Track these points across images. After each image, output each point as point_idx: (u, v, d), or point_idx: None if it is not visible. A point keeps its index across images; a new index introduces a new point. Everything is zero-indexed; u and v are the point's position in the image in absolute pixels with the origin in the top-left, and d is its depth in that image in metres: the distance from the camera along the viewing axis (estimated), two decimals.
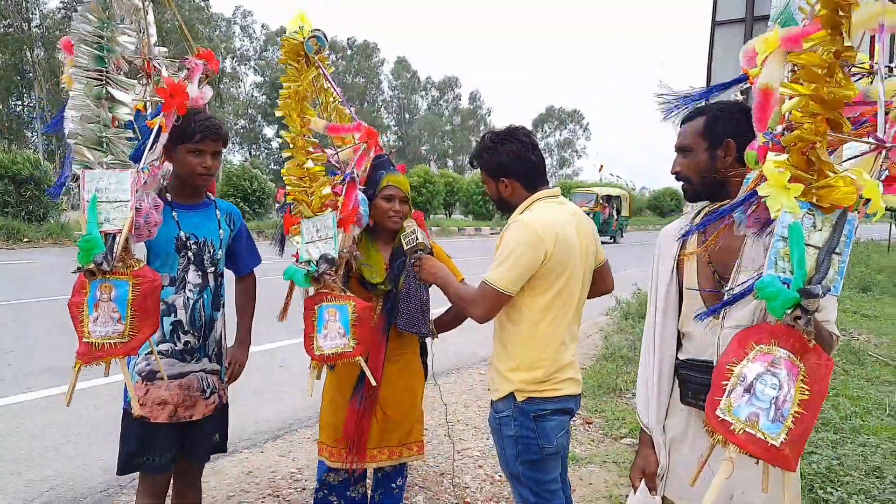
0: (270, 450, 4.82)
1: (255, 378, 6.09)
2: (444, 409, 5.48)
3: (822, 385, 1.50)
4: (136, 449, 2.67)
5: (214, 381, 2.83)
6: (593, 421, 5.53)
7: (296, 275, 2.72)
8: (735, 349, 1.60)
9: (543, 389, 2.58)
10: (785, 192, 1.49)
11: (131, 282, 2.30)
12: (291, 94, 2.81)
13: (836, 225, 1.48)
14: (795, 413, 1.49)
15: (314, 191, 2.77)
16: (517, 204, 2.67)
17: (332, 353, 2.68)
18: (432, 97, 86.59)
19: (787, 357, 1.52)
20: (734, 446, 1.53)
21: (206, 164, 2.70)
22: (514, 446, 2.63)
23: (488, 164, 2.71)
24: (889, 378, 6.79)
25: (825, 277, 1.45)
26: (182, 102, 2.55)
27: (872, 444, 4.73)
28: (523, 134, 2.71)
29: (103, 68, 2.36)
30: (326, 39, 2.91)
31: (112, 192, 2.30)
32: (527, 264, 2.49)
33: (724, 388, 1.58)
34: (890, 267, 16.06)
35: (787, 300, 1.46)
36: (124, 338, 2.28)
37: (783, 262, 1.48)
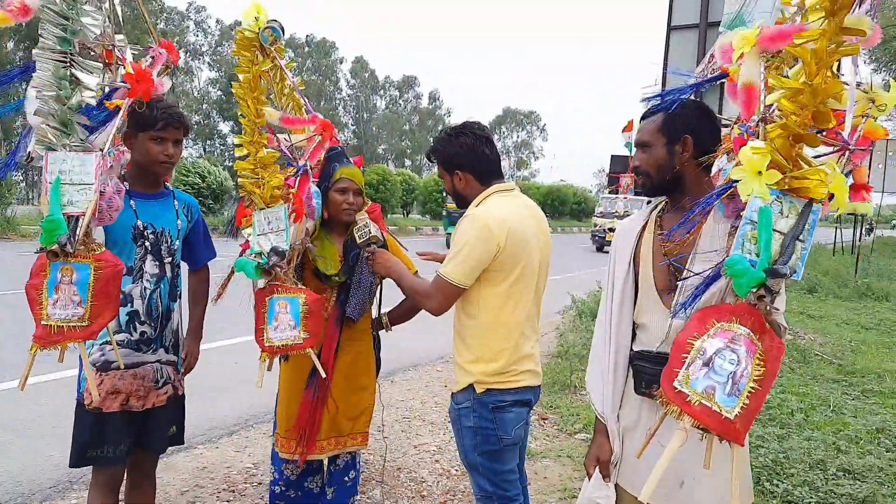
0: (226, 445, 4.77)
1: (212, 374, 6.01)
2: (398, 405, 5.50)
3: (774, 365, 1.58)
4: (89, 440, 2.63)
5: (170, 371, 2.80)
6: (548, 417, 5.60)
7: (246, 266, 2.71)
8: (696, 325, 1.67)
9: (502, 381, 2.62)
10: (757, 177, 1.57)
11: (93, 265, 2.26)
12: (245, 81, 2.79)
13: (801, 213, 1.56)
14: (751, 389, 1.55)
15: (267, 182, 2.76)
16: (473, 197, 2.72)
17: (282, 345, 2.68)
18: (391, 96, 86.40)
19: (746, 335, 1.59)
20: (689, 417, 1.59)
21: (168, 151, 2.69)
22: (472, 437, 2.66)
23: (443, 157, 2.76)
24: (832, 376, 7.01)
25: (789, 261, 1.53)
26: (148, 89, 2.52)
27: (816, 438, 4.89)
28: (478, 128, 2.76)
29: (68, 50, 2.33)
30: (282, 31, 2.90)
31: (76, 175, 2.26)
32: (479, 257, 2.54)
33: (683, 361, 1.64)
34: (834, 269, 16.55)
35: (753, 279, 1.54)
36: (84, 322, 2.24)
37: (750, 244, 1.56)
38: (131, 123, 2.59)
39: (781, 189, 1.59)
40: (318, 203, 2.87)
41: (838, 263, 18.00)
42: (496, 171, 2.77)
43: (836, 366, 7.47)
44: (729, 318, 1.61)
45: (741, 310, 1.61)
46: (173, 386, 2.81)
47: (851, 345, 8.68)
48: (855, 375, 7.08)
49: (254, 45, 2.84)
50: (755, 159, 1.58)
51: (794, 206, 1.57)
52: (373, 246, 2.87)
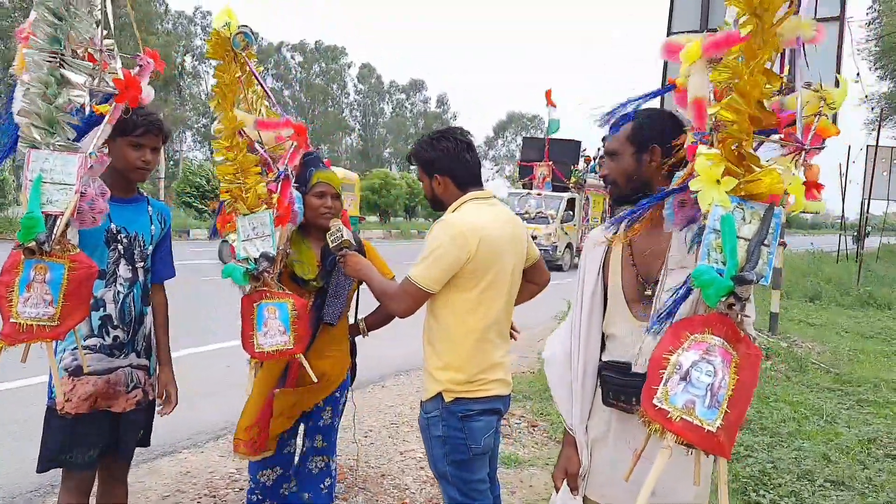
0: (211, 450, 4.76)
1: (201, 378, 6.01)
2: (387, 411, 5.47)
3: (752, 373, 1.56)
4: (59, 446, 2.61)
5: (141, 376, 2.78)
6: (538, 424, 5.57)
7: (234, 272, 2.70)
8: (670, 339, 1.64)
9: (471, 390, 2.60)
10: (716, 186, 1.57)
11: (67, 265, 2.25)
12: (222, 85, 2.79)
13: (764, 218, 1.55)
14: (730, 398, 1.53)
15: (250, 187, 2.74)
16: (450, 202, 2.71)
17: (273, 351, 2.68)
18: (397, 100, 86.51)
19: (720, 344, 1.57)
20: (672, 434, 1.56)
21: (146, 158, 2.68)
22: (441, 446, 2.64)
23: (422, 160, 2.75)
24: (828, 385, 6.96)
25: (756, 267, 1.52)
26: (135, 96, 2.52)
27: (807, 448, 4.85)
28: (459, 133, 2.76)
29: (58, 50, 2.33)
30: (253, 36, 2.90)
31: (57, 174, 2.25)
32: (448, 263, 2.53)
33: (661, 378, 1.61)
34: (837, 277, 16.47)
35: (721, 288, 1.53)
36: (54, 322, 2.23)
37: (716, 253, 1.55)
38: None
39: (739, 195, 1.58)
40: (299, 208, 2.87)
41: (841, 271, 17.90)
42: (475, 178, 2.76)
43: (833, 375, 7.41)
44: (701, 330, 1.60)
45: (713, 320, 1.59)
46: (143, 390, 2.79)
47: (850, 353, 8.62)
48: (851, 384, 7.03)
49: (227, 50, 2.84)
50: (710, 167, 1.58)
51: (756, 211, 1.56)
52: (344, 249, 2.86)
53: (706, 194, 1.59)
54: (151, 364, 2.86)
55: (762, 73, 1.56)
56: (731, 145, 1.59)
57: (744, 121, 1.56)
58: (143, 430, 2.90)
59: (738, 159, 1.59)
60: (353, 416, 3.78)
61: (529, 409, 5.93)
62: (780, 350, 8.17)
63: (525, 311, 3.04)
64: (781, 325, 9.77)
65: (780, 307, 9.84)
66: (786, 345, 8.53)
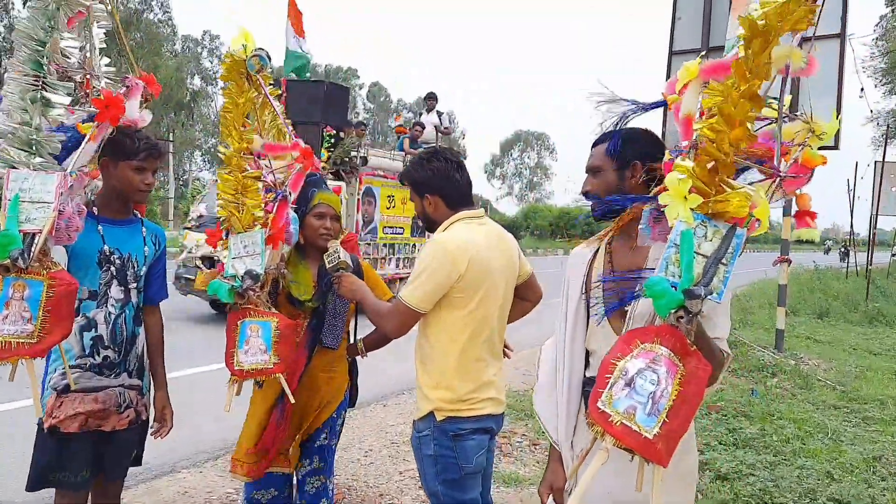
0: (209, 469, 4.76)
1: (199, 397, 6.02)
2: (389, 430, 5.45)
3: (698, 387, 1.58)
4: (49, 465, 2.62)
5: (133, 396, 2.79)
6: (539, 443, 5.54)
7: (220, 289, 2.73)
8: (621, 346, 1.68)
9: (462, 409, 2.60)
10: (683, 202, 1.60)
11: (46, 283, 2.27)
12: (232, 111, 2.85)
13: (725, 237, 1.58)
14: (670, 409, 1.55)
15: (246, 206, 2.78)
16: (441, 221, 2.73)
17: (252, 369, 2.69)
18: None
19: (667, 355, 1.59)
20: (610, 437, 1.59)
21: (148, 181, 2.74)
22: (433, 465, 2.64)
23: (414, 181, 2.78)
24: (834, 402, 6.91)
25: (710, 284, 1.55)
26: (116, 115, 2.56)
27: (810, 466, 4.81)
28: (450, 154, 2.79)
29: (40, 73, 2.38)
30: (269, 59, 2.95)
31: (36, 193, 2.29)
32: (438, 282, 2.54)
33: (607, 382, 1.64)
34: (846, 293, 16.37)
35: (672, 300, 1.55)
36: (33, 338, 2.24)
37: (673, 266, 1.58)
38: (111, 151, 2.64)
39: (705, 213, 1.61)
40: (295, 229, 2.89)
41: (850, 287, 17.81)
42: (465, 197, 2.78)
43: (839, 392, 7.35)
44: (651, 339, 1.62)
45: (663, 331, 1.62)
46: (136, 410, 2.80)
47: (857, 370, 8.54)
48: (857, 402, 6.97)
49: (241, 72, 2.90)
50: (679, 183, 1.61)
51: (719, 230, 1.59)
52: (340, 271, 2.88)
53: (672, 209, 1.63)
54: (144, 384, 2.87)
55: (748, 99, 1.58)
56: (706, 163, 1.61)
57: (723, 141, 1.59)
58: (136, 449, 2.90)
59: (710, 178, 1.61)
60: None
61: (531, 427, 5.90)
62: (785, 367, 8.12)
63: (526, 328, 3.05)
64: (788, 341, 9.71)
65: (788, 324, 9.80)
66: (792, 362, 8.48)
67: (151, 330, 2.92)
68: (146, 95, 2.85)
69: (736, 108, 1.56)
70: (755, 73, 1.56)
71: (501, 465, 4.98)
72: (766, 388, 7.29)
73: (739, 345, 9.17)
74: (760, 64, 1.55)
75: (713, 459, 4.86)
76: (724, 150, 1.58)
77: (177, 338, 2.94)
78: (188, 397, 2.81)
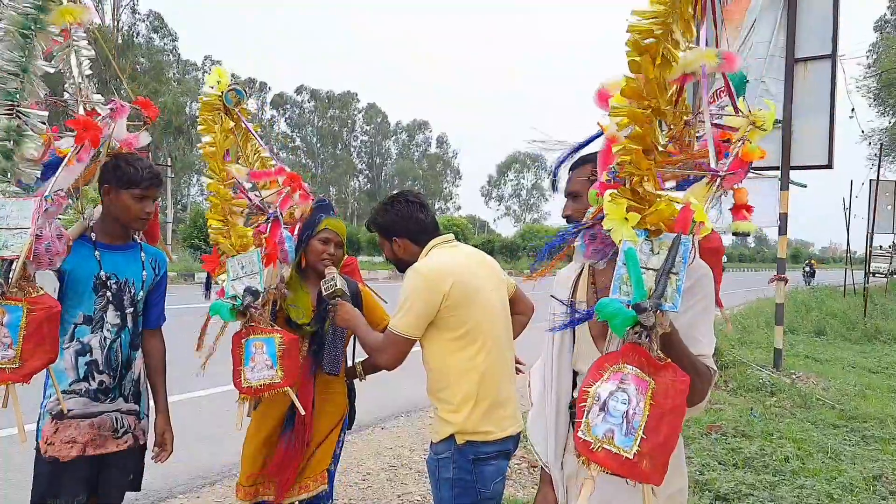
0: (207, 495, 4.72)
1: (197, 422, 5.99)
2: (386, 453, 5.42)
3: (677, 400, 1.57)
4: (46, 490, 2.62)
5: (130, 421, 2.79)
6: (538, 465, 5.51)
7: (221, 309, 2.77)
8: (592, 373, 1.69)
9: (485, 430, 2.62)
10: (624, 223, 1.63)
11: (25, 308, 2.27)
12: (210, 146, 2.94)
13: (671, 248, 1.59)
14: (646, 425, 1.54)
15: (233, 232, 2.83)
16: (411, 261, 2.78)
17: (261, 385, 2.72)
18: (402, 141, 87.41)
19: (633, 373, 1.59)
20: (595, 464, 1.59)
21: (148, 209, 2.77)
22: (450, 489, 2.64)
23: (380, 226, 2.89)
24: (833, 421, 6.87)
25: (662, 295, 1.56)
26: (96, 137, 2.57)
27: (809, 486, 4.78)
28: (411, 195, 2.89)
29: (14, 102, 2.40)
30: (245, 92, 3.06)
31: (13, 220, 2.29)
32: (423, 307, 2.59)
33: (584, 410, 1.65)
34: (843, 312, 16.37)
35: (625, 319, 1.56)
36: (14, 364, 2.24)
37: (626, 286, 1.60)
38: (114, 179, 2.66)
39: (645, 228, 1.64)
40: (290, 248, 2.92)
41: (848, 306, 17.80)
42: (431, 233, 2.85)
43: (838, 411, 7.33)
44: (618, 361, 1.63)
45: (626, 350, 1.63)
46: (133, 435, 2.80)
47: (856, 389, 8.52)
48: (857, 420, 6.93)
49: (216, 108, 2.99)
50: (615, 206, 1.65)
51: (664, 241, 1.61)
52: (336, 298, 2.90)
53: (616, 232, 1.65)
54: (142, 408, 2.87)
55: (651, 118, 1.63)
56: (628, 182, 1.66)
57: (638, 160, 1.63)
58: (133, 474, 2.89)
59: (635, 195, 1.66)
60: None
61: (529, 450, 5.86)
62: (784, 386, 8.10)
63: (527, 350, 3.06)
64: (787, 360, 9.69)
65: (786, 343, 9.79)
66: (790, 381, 8.46)
67: (152, 354, 2.93)
68: (144, 119, 2.89)
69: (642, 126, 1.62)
70: (650, 92, 1.61)
71: None
72: (764, 408, 7.27)
73: (738, 364, 9.15)
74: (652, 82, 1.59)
75: (712, 480, 4.84)
76: (643, 167, 1.62)
77: (173, 362, 2.94)
78: (186, 422, 2.79)
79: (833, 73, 8.29)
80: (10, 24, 2.38)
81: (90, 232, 2.74)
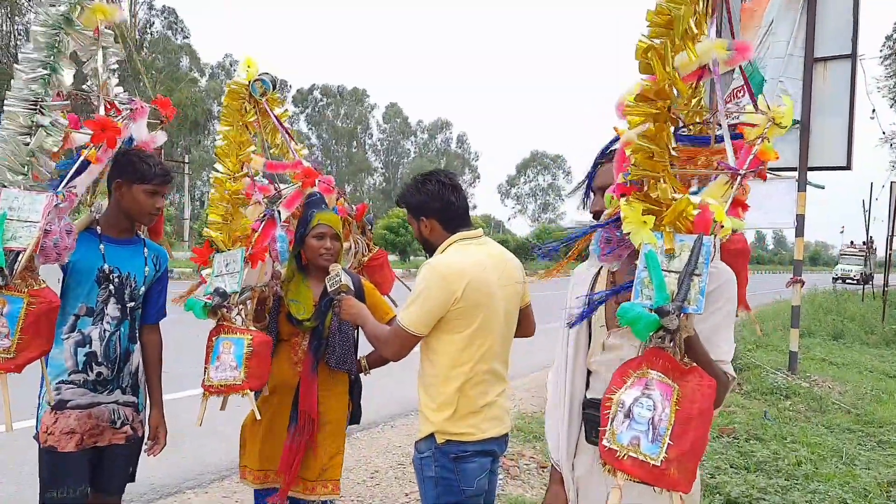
0: (215, 490, 4.73)
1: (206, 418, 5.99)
2: (395, 451, 5.41)
3: (704, 403, 1.54)
4: (48, 480, 2.65)
5: (128, 413, 2.81)
6: (547, 465, 5.48)
7: (195, 307, 2.81)
8: (616, 380, 1.66)
9: (463, 432, 2.58)
10: (643, 226, 1.60)
11: (26, 300, 2.28)
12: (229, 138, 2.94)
13: (693, 249, 1.55)
14: (672, 430, 1.51)
15: (231, 227, 2.89)
16: (438, 244, 2.72)
17: (221, 385, 2.74)
18: (422, 140, 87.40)
19: (658, 378, 1.57)
20: (622, 473, 1.56)
21: (158, 204, 2.80)
22: (433, 487, 2.61)
23: (410, 204, 2.79)
24: (848, 426, 6.79)
25: (686, 298, 1.52)
26: (113, 137, 2.60)
27: (822, 491, 4.72)
28: (445, 176, 2.78)
29: (38, 99, 2.40)
30: (273, 84, 3.03)
31: (24, 212, 2.31)
32: (434, 306, 2.54)
33: (608, 418, 1.63)
34: (861, 315, 16.17)
35: (648, 322, 1.53)
36: (9, 354, 2.26)
37: (648, 289, 1.57)
38: (127, 174, 2.68)
39: (662, 230, 1.61)
40: (282, 247, 2.91)
41: (866, 309, 17.58)
42: (462, 219, 2.77)
43: (854, 415, 7.23)
44: (641, 366, 1.60)
45: (649, 355, 1.60)
46: (132, 427, 2.82)
47: (872, 393, 8.41)
48: (872, 425, 6.84)
49: (241, 97, 2.98)
50: (632, 209, 1.63)
51: (686, 243, 1.57)
52: (342, 294, 2.88)
53: (636, 235, 1.63)
54: (140, 401, 2.89)
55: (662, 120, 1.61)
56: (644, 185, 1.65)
57: (643, 161, 1.62)
58: (132, 466, 2.91)
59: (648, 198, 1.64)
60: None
61: (539, 449, 5.84)
62: (799, 389, 8.01)
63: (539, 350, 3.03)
64: (803, 363, 9.59)
65: (802, 346, 9.68)
66: (806, 384, 8.36)
67: (149, 348, 2.94)
68: (161, 118, 2.91)
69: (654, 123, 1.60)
70: (660, 94, 1.58)
71: (508, 487, 4.93)
72: (779, 411, 7.19)
73: (752, 367, 9.06)
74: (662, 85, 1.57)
75: (723, 483, 4.78)
76: (656, 169, 1.60)
77: (183, 357, 2.94)
78: (194, 416, 2.80)
79: (853, 73, 8.17)
80: (41, 25, 2.41)
81: (95, 225, 2.76)
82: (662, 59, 1.55)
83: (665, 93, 1.57)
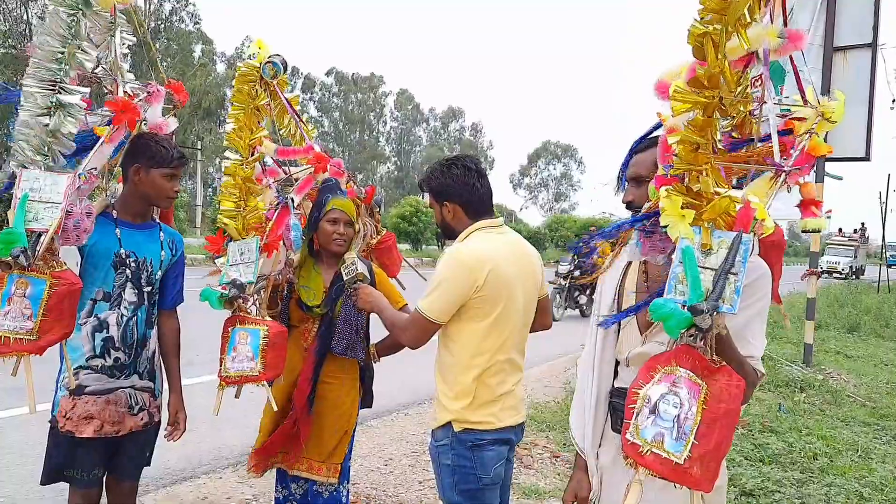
0: (229, 476, 4.75)
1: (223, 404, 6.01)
2: (410, 439, 5.42)
3: (731, 404, 1.51)
4: (61, 463, 2.68)
5: (145, 398, 2.81)
6: (561, 455, 5.48)
7: (211, 297, 2.79)
8: (643, 374, 1.64)
9: (480, 421, 2.57)
10: (681, 220, 1.56)
11: (49, 281, 2.28)
12: (241, 116, 2.89)
13: (731, 246, 1.52)
14: (698, 429, 1.49)
15: (246, 214, 2.86)
16: (460, 230, 2.69)
17: (237, 376, 2.74)
18: (434, 128, 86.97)
19: (686, 376, 1.54)
20: (643, 468, 1.55)
21: (177, 188, 2.81)
22: (451, 475, 2.61)
23: (433, 187, 2.75)
24: (864, 419, 6.75)
25: (721, 297, 1.49)
26: (133, 119, 2.60)
27: (838, 484, 4.69)
28: (470, 161, 2.74)
29: (56, 79, 2.39)
30: (284, 66, 3.00)
31: (46, 193, 2.30)
32: (455, 294, 2.52)
33: (633, 412, 1.60)
34: (877, 308, 16.04)
35: (681, 320, 1.50)
36: (32, 336, 2.26)
37: (682, 285, 1.53)
38: (144, 158, 2.68)
39: (701, 225, 1.57)
40: (296, 236, 2.90)
41: (882, 302, 17.44)
42: (486, 206, 2.73)
43: (869, 408, 7.19)
44: (670, 362, 1.57)
45: (679, 352, 1.57)
46: (149, 412, 2.82)
47: (888, 386, 8.35)
48: (889, 419, 6.80)
49: (251, 80, 2.95)
50: (671, 202, 1.59)
51: (724, 240, 1.54)
52: (357, 283, 2.87)
53: (674, 228, 1.59)
54: (157, 386, 2.90)
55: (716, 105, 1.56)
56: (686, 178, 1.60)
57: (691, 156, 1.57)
58: (149, 451, 2.92)
59: (690, 192, 1.60)
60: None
61: (553, 439, 5.84)
62: (814, 382, 7.96)
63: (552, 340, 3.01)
64: (818, 356, 9.53)
65: (817, 338, 9.61)
66: (821, 377, 8.31)
67: (167, 334, 2.94)
68: (175, 103, 2.90)
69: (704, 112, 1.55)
70: (712, 81, 1.53)
71: (522, 476, 4.92)
72: (793, 404, 7.15)
73: (767, 359, 9.01)
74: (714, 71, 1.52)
75: (738, 475, 4.76)
76: (698, 162, 1.56)
77: (201, 343, 2.94)
78: (209, 402, 2.81)
79: (873, 63, 8.07)
80: (57, 4, 2.39)
81: (111, 209, 2.75)
82: (717, 46, 1.49)
83: (717, 80, 1.53)
